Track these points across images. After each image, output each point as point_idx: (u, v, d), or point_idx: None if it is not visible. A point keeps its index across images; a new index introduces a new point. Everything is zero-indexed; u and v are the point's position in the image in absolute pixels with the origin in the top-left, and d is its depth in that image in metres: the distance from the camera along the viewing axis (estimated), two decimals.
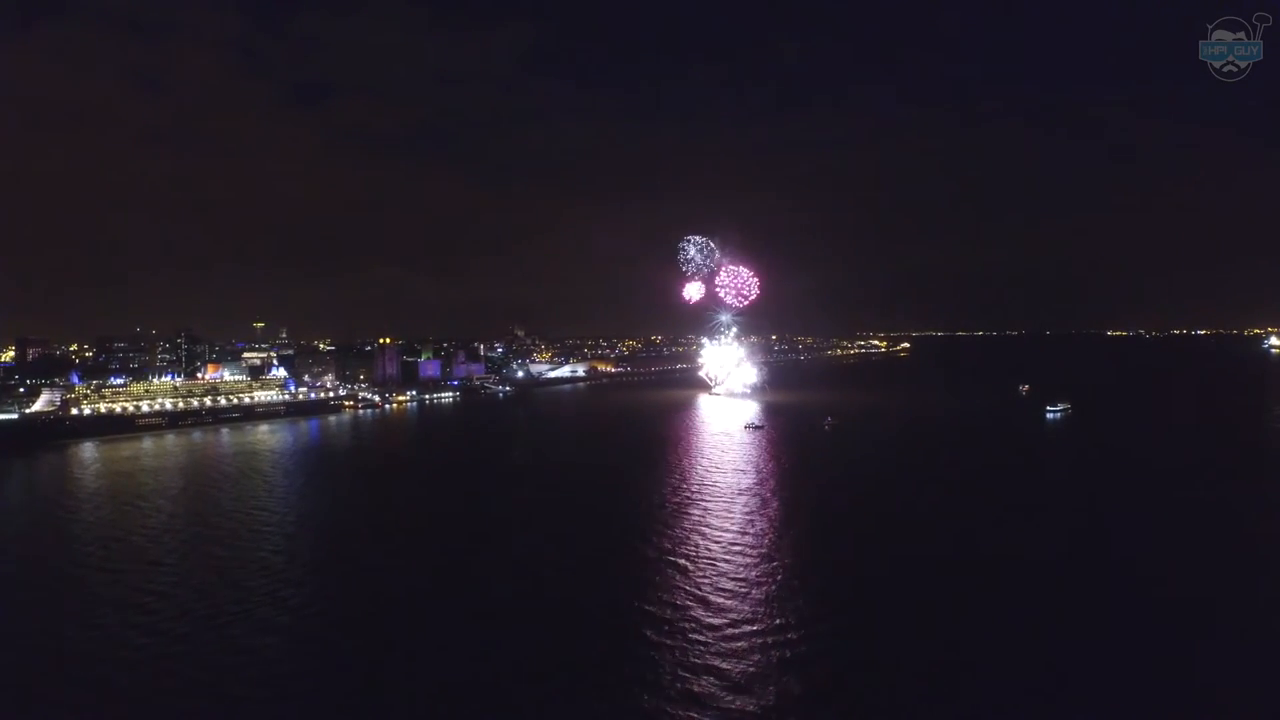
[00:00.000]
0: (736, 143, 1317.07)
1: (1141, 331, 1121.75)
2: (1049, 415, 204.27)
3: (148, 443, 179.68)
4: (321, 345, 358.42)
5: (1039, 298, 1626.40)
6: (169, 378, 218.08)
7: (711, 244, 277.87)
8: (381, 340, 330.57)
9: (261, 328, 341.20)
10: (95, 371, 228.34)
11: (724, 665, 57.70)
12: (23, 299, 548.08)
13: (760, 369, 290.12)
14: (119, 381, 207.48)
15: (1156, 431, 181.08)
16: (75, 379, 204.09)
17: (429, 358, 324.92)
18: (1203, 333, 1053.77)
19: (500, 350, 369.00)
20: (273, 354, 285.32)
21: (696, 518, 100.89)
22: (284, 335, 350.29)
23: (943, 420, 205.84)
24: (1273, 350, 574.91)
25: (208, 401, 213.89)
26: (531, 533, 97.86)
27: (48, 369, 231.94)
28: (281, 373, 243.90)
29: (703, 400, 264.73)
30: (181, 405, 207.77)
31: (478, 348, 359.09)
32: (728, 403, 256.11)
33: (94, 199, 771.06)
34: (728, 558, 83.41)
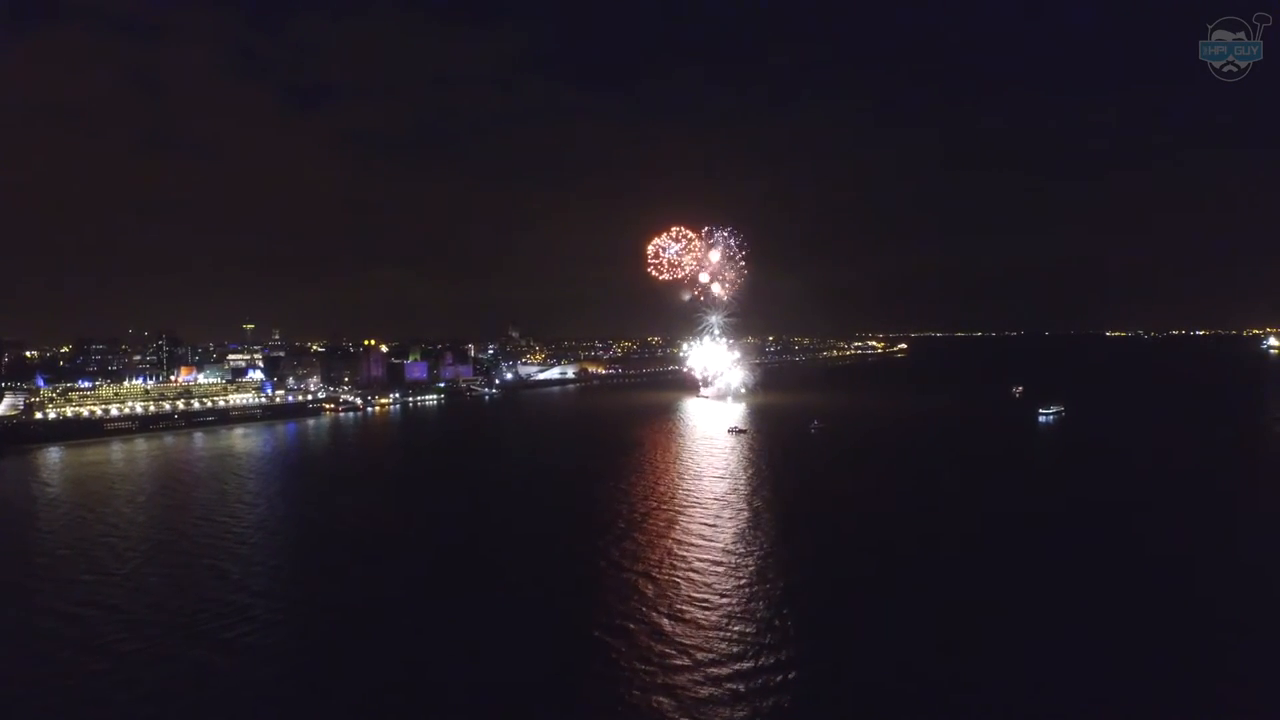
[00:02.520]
0: (736, 142, 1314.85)
1: (1141, 332, 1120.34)
2: (1041, 418, 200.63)
3: (116, 447, 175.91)
4: (314, 347, 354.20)
5: (1038, 298, 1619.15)
6: (140, 380, 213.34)
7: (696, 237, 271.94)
8: (367, 342, 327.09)
9: (252, 329, 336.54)
10: (66, 374, 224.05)
11: (687, 685, 54.58)
12: (15, 302, 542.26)
13: (751, 370, 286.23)
14: (86, 385, 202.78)
15: (1152, 433, 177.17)
16: (40, 382, 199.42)
17: (416, 359, 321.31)
18: (1202, 333, 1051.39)
19: (492, 351, 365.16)
20: (257, 356, 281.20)
21: (668, 529, 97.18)
22: (276, 337, 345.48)
23: (933, 423, 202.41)
24: (1272, 350, 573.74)
25: (180, 405, 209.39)
26: (495, 539, 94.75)
27: (20, 372, 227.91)
28: (258, 375, 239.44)
29: (690, 403, 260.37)
30: (153, 409, 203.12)
31: (468, 349, 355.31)
32: (715, 405, 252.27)
33: (90, 200, 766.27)
34: (699, 570, 79.92)
